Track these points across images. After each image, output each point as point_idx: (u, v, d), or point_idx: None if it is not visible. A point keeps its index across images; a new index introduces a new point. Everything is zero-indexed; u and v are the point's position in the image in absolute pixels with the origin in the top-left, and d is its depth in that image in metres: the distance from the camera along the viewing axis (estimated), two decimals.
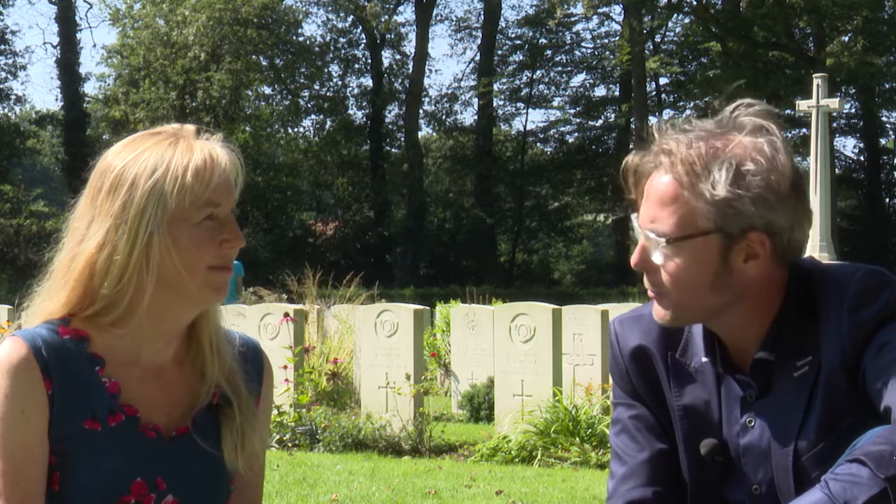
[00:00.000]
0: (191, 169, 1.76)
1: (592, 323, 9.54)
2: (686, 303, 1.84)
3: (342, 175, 42.50)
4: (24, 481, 1.72)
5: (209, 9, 35.57)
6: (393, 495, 6.77)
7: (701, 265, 1.82)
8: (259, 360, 1.99)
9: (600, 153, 42.20)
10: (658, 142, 1.87)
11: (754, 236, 1.81)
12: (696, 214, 1.80)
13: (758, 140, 1.82)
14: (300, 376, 9.34)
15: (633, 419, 2.02)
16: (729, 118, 1.86)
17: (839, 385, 1.78)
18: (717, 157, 1.81)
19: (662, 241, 1.81)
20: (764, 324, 1.87)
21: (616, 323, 2.08)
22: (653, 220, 1.83)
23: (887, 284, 1.82)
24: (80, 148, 35.37)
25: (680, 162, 1.81)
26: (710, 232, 1.80)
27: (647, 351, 2.00)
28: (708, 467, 1.92)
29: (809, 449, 1.79)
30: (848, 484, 1.50)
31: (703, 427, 1.92)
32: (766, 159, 1.81)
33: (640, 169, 1.88)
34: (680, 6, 37.42)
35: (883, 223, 39.78)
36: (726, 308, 1.85)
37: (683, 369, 1.95)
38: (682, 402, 1.94)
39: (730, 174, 1.78)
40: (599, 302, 15.14)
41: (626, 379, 2.04)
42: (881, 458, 1.50)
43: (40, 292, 1.84)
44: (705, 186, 1.79)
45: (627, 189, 1.91)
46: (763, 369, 1.87)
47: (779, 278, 1.87)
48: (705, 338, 1.93)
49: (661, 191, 1.83)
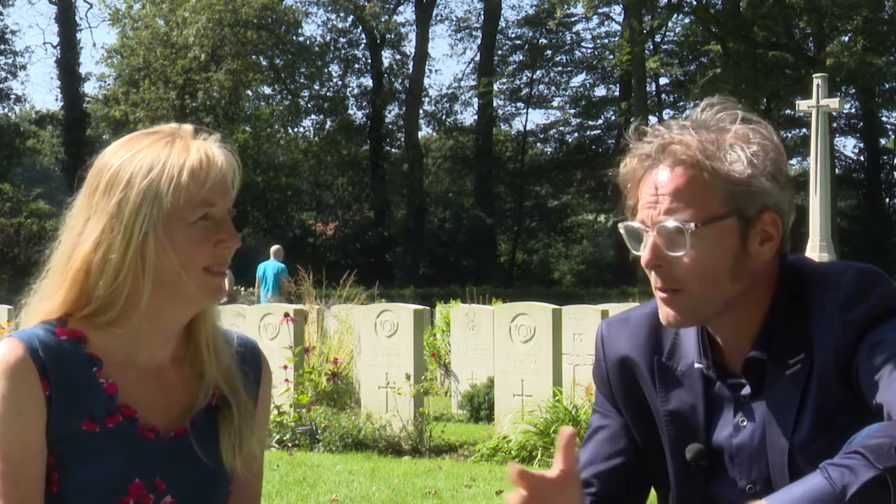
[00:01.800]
0: (186, 168, 1.76)
1: (592, 323, 9.52)
2: (706, 295, 1.83)
3: (342, 175, 42.54)
4: (23, 482, 1.72)
5: (209, 10, 35.57)
6: (393, 495, 6.77)
7: (722, 251, 1.81)
8: (257, 360, 1.99)
9: (600, 153, 42.19)
10: (649, 141, 1.85)
11: (767, 217, 1.82)
12: (715, 199, 1.80)
13: (750, 126, 1.84)
14: (300, 376, 9.34)
15: (600, 429, 2.04)
16: (712, 117, 1.86)
17: (832, 383, 1.78)
18: (725, 140, 1.82)
19: (691, 227, 1.79)
20: (757, 322, 1.87)
21: (604, 326, 2.07)
22: (668, 211, 1.81)
23: (878, 283, 1.82)
24: (80, 148, 35.39)
25: (694, 149, 1.80)
26: (729, 215, 1.80)
27: (631, 362, 1.99)
28: (693, 472, 1.92)
29: (805, 446, 1.79)
30: (847, 470, 1.50)
31: (689, 432, 1.92)
32: (769, 140, 1.84)
33: (637, 172, 1.86)
34: (680, 6, 37.42)
35: (883, 223, 39.79)
36: (738, 300, 1.85)
37: (670, 373, 1.95)
38: (669, 408, 1.94)
39: (746, 153, 1.80)
40: (599, 302, 15.14)
41: (606, 385, 2.05)
42: (879, 451, 1.50)
43: (38, 290, 1.84)
44: (724, 166, 1.79)
45: (628, 196, 1.89)
46: (756, 368, 1.87)
47: (774, 274, 1.88)
48: (699, 342, 1.92)
49: (675, 181, 1.81)
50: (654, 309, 2.00)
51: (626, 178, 1.89)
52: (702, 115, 1.87)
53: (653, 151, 1.84)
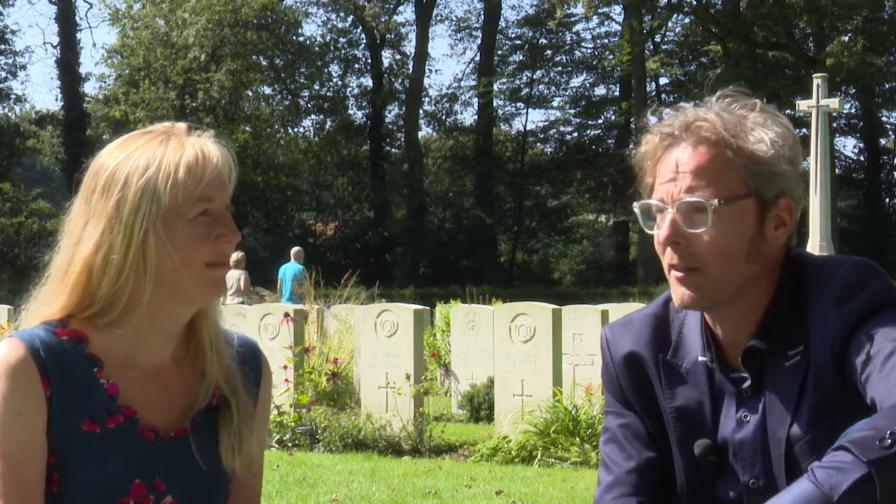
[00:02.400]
0: (182, 165, 1.76)
1: (592, 323, 9.53)
2: (723, 274, 1.83)
3: (342, 175, 42.53)
4: (23, 482, 1.72)
5: (209, 10, 35.57)
6: (393, 495, 6.77)
7: (741, 231, 1.82)
8: (257, 361, 1.99)
9: (600, 153, 42.22)
10: (669, 121, 1.86)
11: (783, 202, 1.84)
12: (736, 177, 1.81)
13: (767, 114, 1.86)
14: (300, 376, 9.34)
15: (621, 427, 2.02)
16: (728, 105, 1.87)
17: (828, 375, 1.78)
18: (747, 122, 1.83)
19: (714, 203, 1.79)
20: (759, 313, 1.87)
21: (607, 330, 2.07)
22: (690, 188, 1.81)
23: (874, 276, 1.82)
24: (80, 148, 35.36)
25: (719, 126, 1.81)
26: (749, 195, 1.82)
27: (638, 356, 1.99)
28: (702, 468, 1.92)
29: (801, 438, 1.79)
30: (833, 470, 1.49)
31: (696, 428, 1.92)
32: (787, 128, 1.86)
33: (658, 150, 1.86)
34: (680, 6, 37.42)
35: (883, 223, 39.81)
36: (747, 286, 1.85)
37: (675, 370, 1.95)
38: (675, 404, 1.94)
39: (768, 135, 1.81)
40: (599, 302, 15.13)
41: (616, 385, 2.04)
42: (864, 443, 1.49)
43: (37, 296, 1.84)
44: (748, 146, 1.80)
45: (646, 174, 1.88)
46: (755, 358, 1.87)
47: (779, 264, 1.89)
48: (703, 335, 1.92)
49: (697, 158, 1.81)
50: (656, 309, 2.01)
51: (644, 157, 1.89)
52: (717, 103, 1.87)
53: (675, 129, 1.84)
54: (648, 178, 1.88)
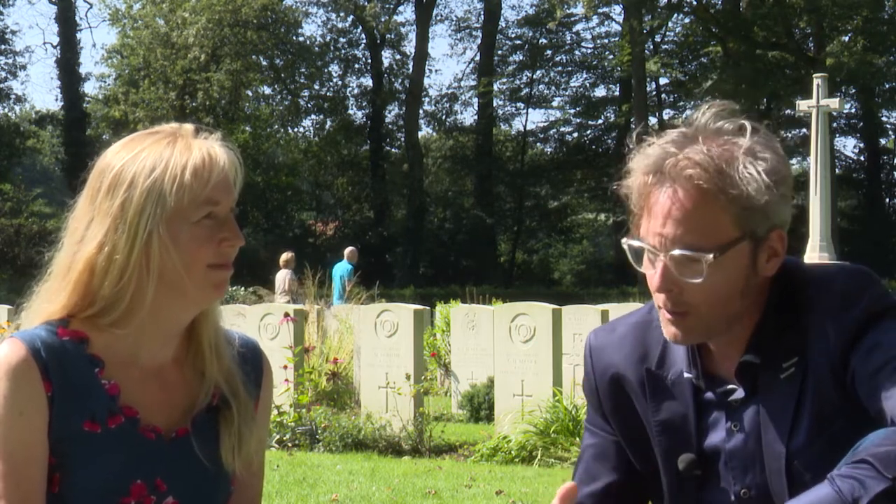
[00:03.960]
0: (189, 167, 1.76)
1: (592, 323, 9.53)
2: (716, 316, 1.79)
3: (342, 175, 42.52)
4: (25, 483, 1.72)
5: (209, 10, 35.57)
6: (393, 495, 6.77)
7: (736, 274, 1.77)
8: (258, 361, 1.99)
9: (600, 153, 42.22)
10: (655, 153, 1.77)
11: (775, 234, 1.79)
12: (729, 222, 1.74)
13: (756, 139, 1.77)
14: (300, 376, 9.34)
15: (589, 447, 2.03)
16: (714, 123, 1.79)
17: (827, 386, 1.76)
18: (736, 157, 1.74)
19: (709, 258, 1.73)
20: (749, 330, 1.84)
21: (591, 337, 2.04)
22: (682, 239, 1.74)
23: (870, 284, 1.80)
24: (80, 148, 35.39)
25: (707, 169, 1.72)
26: (743, 238, 1.76)
27: (619, 374, 1.97)
28: (686, 483, 1.90)
29: (802, 450, 1.77)
30: (855, 481, 1.49)
31: (681, 441, 1.90)
32: (777, 153, 1.78)
33: (643, 188, 1.79)
34: (680, 6, 37.41)
35: (883, 223, 39.79)
36: (740, 313, 1.81)
37: (661, 382, 1.92)
38: (660, 418, 1.91)
39: (759, 172, 1.73)
40: (599, 302, 15.14)
41: (595, 398, 2.02)
42: (887, 459, 1.49)
43: (39, 294, 1.84)
44: (739, 189, 1.73)
45: (633, 205, 1.82)
46: (749, 372, 1.84)
47: (768, 283, 1.85)
48: (688, 350, 1.89)
49: (688, 206, 1.73)
50: (642, 318, 1.98)
51: (631, 191, 1.82)
52: (703, 120, 1.80)
53: (662, 168, 1.76)
54: (636, 210, 1.82)
